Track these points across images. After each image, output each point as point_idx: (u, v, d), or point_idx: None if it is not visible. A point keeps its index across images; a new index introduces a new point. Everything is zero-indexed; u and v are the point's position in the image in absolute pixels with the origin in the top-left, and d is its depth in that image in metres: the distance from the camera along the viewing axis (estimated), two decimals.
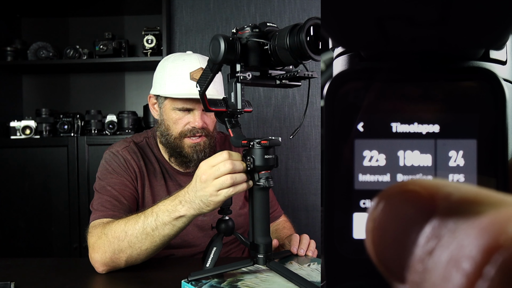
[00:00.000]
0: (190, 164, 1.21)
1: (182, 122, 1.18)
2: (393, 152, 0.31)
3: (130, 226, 0.94)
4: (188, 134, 1.18)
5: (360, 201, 0.32)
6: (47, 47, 2.30)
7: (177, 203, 0.90)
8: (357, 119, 0.30)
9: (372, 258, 0.18)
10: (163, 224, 0.91)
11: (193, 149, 1.18)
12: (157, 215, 0.92)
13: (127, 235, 0.94)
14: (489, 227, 0.14)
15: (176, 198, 0.91)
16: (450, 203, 0.15)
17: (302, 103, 2.29)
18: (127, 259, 0.95)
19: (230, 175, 0.82)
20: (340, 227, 0.31)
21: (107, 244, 0.95)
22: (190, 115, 1.18)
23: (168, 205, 0.91)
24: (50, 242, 2.15)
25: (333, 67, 0.31)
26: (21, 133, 2.18)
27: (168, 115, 1.20)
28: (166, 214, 0.90)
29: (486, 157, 0.33)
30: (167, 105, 1.20)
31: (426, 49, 0.28)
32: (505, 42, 0.29)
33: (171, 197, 0.93)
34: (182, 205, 0.89)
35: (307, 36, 0.72)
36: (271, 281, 0.81)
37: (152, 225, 0.92)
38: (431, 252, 0.15)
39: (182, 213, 0.89)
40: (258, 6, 2.32)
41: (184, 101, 1.16)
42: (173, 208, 0.90)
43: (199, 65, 1.17)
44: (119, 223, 0.97)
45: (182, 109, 1.17)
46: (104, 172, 1.18)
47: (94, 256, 0.98)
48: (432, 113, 0.31)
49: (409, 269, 0.15)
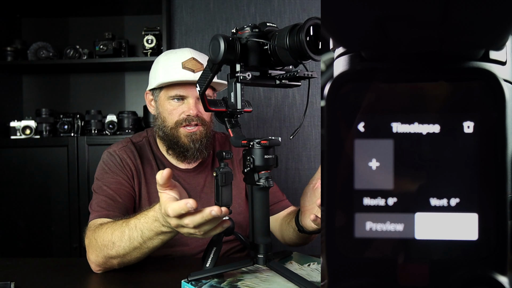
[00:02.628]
0: (188, 154, 1.21)
1: (177, 112, 1.20)
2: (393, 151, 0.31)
3: (116, 237, 0.93)
4: (183, 123, 1.19)
5: (361, 200, 0.32)
6: (47, 47, 2.30)
7: (159, 225, 0.85)
8: (358, 119, 0.30)
9: None
10: (150, 239, 0.89)
11: (189, 138, 1.20)
12: (142, 232, 0.89)
13: (115, 245, 0.93)
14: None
15: (157, 220, 0.85)
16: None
17: (302, 103, 2.29)
18: (119, 263, 0.96)
19: (194, 229, 0.76)
20: (341, 226, 0.31)
21: (98, 250, 0.96)
22: (184, 104, 1.20)
23: (151, 224, 0.87)
24: (50, 242, 2.15)
25: (333, 68, 0.31)
26: (21, 133, 2.18)
27: (163, 107, 1.22)
28: (151, 232, 0.87)
29: (486, 156, 0.33)
30: (162, 97, 1.23)
31: (426, 49, 0.28)
32: (505, 42, 0.29)
33: (150, 214, 0.88)
34: (167, 228, 0.84)
35: (307, 36, 0.72)
36: (271, 281, 0.82)
37: (139, 240, 0.90)
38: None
39: (168, 231, 0.86)
40: (258, 6, 2.32)
41: (177, 88, 1.19)
42: (157, 229, 0.86)
43: (191, 55, 1.21)
44: (106, 232, 0.95)
45: (176, 96, 1.19)
46: (101, 172, 1.19)
47: (89, 257, 0.99)
48: (432, 113, 0.32)
49: None
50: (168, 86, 1.21)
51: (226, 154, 0.88)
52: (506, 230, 0.45)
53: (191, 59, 1.20)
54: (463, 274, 0.45)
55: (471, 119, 0.35)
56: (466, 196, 0.46)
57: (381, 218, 0.45)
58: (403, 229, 0.47)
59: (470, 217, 0.47)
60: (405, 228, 0.47)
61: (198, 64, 1.20)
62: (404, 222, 0.47)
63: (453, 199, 0.46)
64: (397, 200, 0.46)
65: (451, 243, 0.47)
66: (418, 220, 0.48)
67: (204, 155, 1.24)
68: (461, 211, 0.47)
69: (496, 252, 0.45)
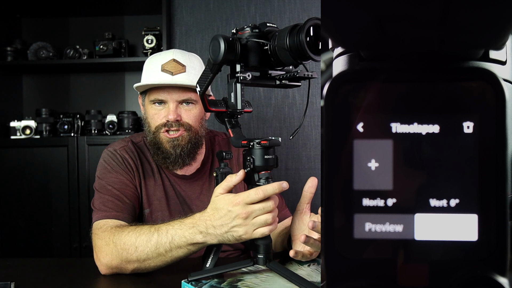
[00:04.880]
0: (169, 160, 1.17)
1: (158, 117, 1.16)
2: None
3: (141, 241, 0.91)
4: (163, 128, 1.15)
5: (360, 201, 0.32)
6: (47, 47, 2.30)
7: (196, 232, 0.86)
8: (357, 119, 0.30)
9: None
10: (178, 247, 0.88)
11: (170, 144, 1.15)
12: (172, 238, 0.88)
13: (137, 250, 0.91)
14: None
15: (195, 227, 0.86)
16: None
17: (302, 103, 2.29)
18: (133, 270, 0.94)
19: (272, 214, 0.81)
20: (340, 227, 0.31)
21: (115, 253, 0.93)
22: (165, 109, 1.16)
23: (186, 231, 0.87)
24: (50, 242, 2.15)
25: (332, 67, 0.31)
26: (21, 133, 2.18)
27: (148, 112, 1.19)
28: (183, 239, 0.87)
29: (486, 157, 0.33)
30: (146, 101, 1.20)
31: (426, 49, 0.28)
32: (504, 42, 0.29)
33: (187, 221, 0.89)
34: (203, 236, 0.85)
35: (307, 37, 0.72)
36: (271, 281, 0.81)
37: (166, 247, 0.89)
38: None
39: (201, 241, 0.86)
40: (258, 6, 2.32)
41: (156, 93, 1.15)
42: (191, 236, 0.86)
43: (171, 57, 1.16)
44: (129, 235, 0.93)
45: (156, 101, 1.16)
46: (103, 171, 1.17)
47: (101, 259, 0.96)
48: (432, 113, 0.31)
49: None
50: (149, 90, 1.17)
51: (226, 154, 0.88)
52: (506, 231, 0.45)
53: (171, 61, 1.15)
54: (463, 275, 0.45)
55: (470, 119, 0.35)
56: (465, 196, 0.46)
57: (381, 219, 0.45)
58: (403, 230, 0.47)
59: (469, 217, 0.47)
60: (404, 229, 0.47)
61: (178, 66, 1.14)
62: (403, 223, 0.47)
63: (453, 199, 0.46)
64: (396, 201, 0.46)
65: (451, 244, 0.47)
66: (417, 221, 0.48)
67: (186, 162, 1.19)
68: (460, 211, 0.47)
69: (496, 253, 0.45)
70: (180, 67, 1.15)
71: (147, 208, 1.19)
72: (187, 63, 1.16)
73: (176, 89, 1.14)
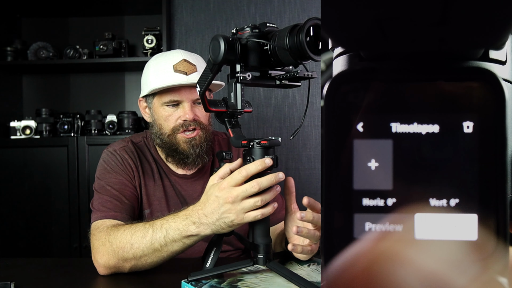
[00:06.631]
0: (188, 160, 1.18)
1: (172, 118, 1.16)
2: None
3: (136, 238, 0.91)
4: (181, 129, 1.15)
5: (360, 201, 0.32)
6: (47, 47, 2.30)
7: (189, 223, 0.86)
8: (357, 119, 0.30)
9: None
10: (173, 241, 0.88)
11: (188, 144, 1.16)
12: (166, 232, 0.88)
13: (133, 247, 0.91)
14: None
15: (188, 218, 0.86)
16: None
17: (302, 103, 2.29)
18: (131, 268, 0.94)
19: (260, 197, 0.79)
20: (340, 227, 0.31)
21: (111, 252, 0.94)
22: (179, 109, 1.16)
23: (179, 223, 0.87)
24: (50, 242, 2.15)
25: (332, 67, 0.31)
26: (21, 133, 2.18)
27: (158, 114, 1.18)
28: (177, 232, 0.87)
29: (486, 156, 0.33)
30: (155, 103, 1.19)
31: (426, 49, 0.28)
32: (504, 42, 0.29)
33: (181, 213, 0.89)
34: (197, 226, 0.85)
35: (307, 37, 0.72)
36: (271, 281, 0.82)
37: (161, 241, 0.89)
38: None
39: (195, 233, 0.86)
40: (258, 6, 2.32)
41: (171, 94, 1.15)
42: (185, 228, 0.86)
43: (182, 57, 1.16)
44: (125, 233, 0.93)
45: (170, 102, 1.15)
46: (102, 172, 1.17)
47: (98, 260, 0.96)
48: (431, 113, 0.31)
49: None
50: (161, 92, 1.16)
51: (226, 154, 0.88)
52: (506, 231, 0.45)
53: (183, 61, 1.15)
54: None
55: (470, 119, 0.35)
56: (465, 196, 0.46)
57: (381, 218, 0.45)
58: (403, 230, 0.47)
59: (469, 217, 0.47)
60: (404, 229, 0.47)
61: (190, 66, 1.15)
62: (403, 222, 0.47)
63: (453, 199, 0.46)
64: (396, 201, 0.46)
65: (451, 244, 0.47)
66: (417, 220, 0.48)
67: (204, 160, 1.20)
68: (460, 211, 0.47)
69: (496, 253, 0.45)
70: (192, 67, 1.15)
71: (147, 209, 1.19)
72: (196, 63, 1.17)
73: (189, 88, 1.14)
